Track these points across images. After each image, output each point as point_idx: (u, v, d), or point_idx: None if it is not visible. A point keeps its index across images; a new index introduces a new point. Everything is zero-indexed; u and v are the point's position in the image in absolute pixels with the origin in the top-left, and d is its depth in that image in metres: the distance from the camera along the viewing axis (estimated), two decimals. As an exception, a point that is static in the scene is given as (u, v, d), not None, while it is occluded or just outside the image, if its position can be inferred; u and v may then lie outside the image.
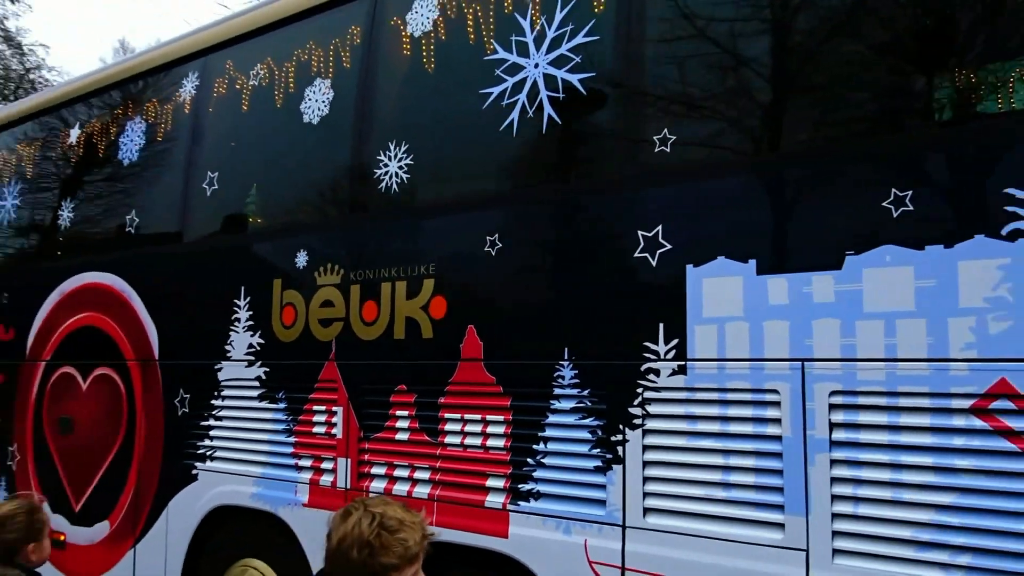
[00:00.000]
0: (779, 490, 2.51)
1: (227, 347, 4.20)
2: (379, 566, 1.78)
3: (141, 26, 47.51)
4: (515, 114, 3.27)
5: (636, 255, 2.85)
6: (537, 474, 3.04)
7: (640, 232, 2.85)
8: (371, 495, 1.97)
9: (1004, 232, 2.22)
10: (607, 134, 3.14)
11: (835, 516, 2.41)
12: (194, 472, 4.28)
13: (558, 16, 3.22)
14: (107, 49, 52.28)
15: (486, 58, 3.42)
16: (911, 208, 2.36)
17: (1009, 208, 2.21)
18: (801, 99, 2.78)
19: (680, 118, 2.91)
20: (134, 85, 5.17)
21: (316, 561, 3.61)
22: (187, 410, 4.36)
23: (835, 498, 2.42)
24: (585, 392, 2.95)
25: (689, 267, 2.74)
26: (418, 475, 3.38)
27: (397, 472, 3.45)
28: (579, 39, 3.15)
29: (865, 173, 2.48)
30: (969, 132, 2.39)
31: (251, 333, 4.10)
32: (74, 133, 5.53)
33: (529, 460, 3.06)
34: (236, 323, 4.17)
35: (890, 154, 2.49)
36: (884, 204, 2.39)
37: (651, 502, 2.76)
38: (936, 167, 2.43)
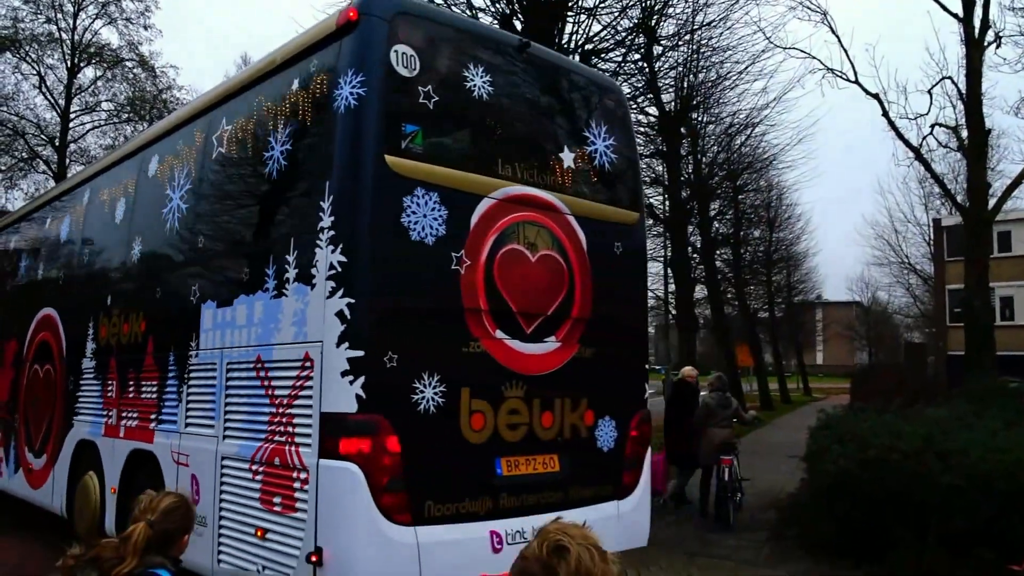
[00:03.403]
0: (213, 410, 5.34)
1: (86, 350, 7.43)
2: None
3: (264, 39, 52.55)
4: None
5: (190, 299, 5.76)
6: (163, 411, 5.99)
7: (192, 287, 5.76)
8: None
9: (268, 287, 4.96)
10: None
11: (225, 421, 5.21)
12: (73, 422, 7.52)
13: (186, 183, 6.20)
14: (231, 65, 57.98)
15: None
16: (250, 278, 5.14)
17: (267, 277, 4.96)
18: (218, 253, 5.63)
19: (203, 238, 5.81)
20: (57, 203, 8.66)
21: (108, 464, 6.69)
22: (72, 387, 7.63)
23: (225, 413, 5.22)
24: (176, 369, 5.87)
25: (201, 305, 5.62)
26: (133, 415, 6.41)
27: (128, 415, 6.50)
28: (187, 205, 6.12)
29: (239, 265, 5.28)
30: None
31: (93, 343, 7.31)
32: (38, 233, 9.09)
33: (161, 405, 6.02)
34: (89, 337, 7.40)
35: (252, 256, 5.28)
36: (240, 276, 5.19)
37: (189, 420, 5.65)
38: (252, 262, 5.20)
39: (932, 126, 16.60)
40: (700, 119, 20.33)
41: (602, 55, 13.37)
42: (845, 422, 8.50)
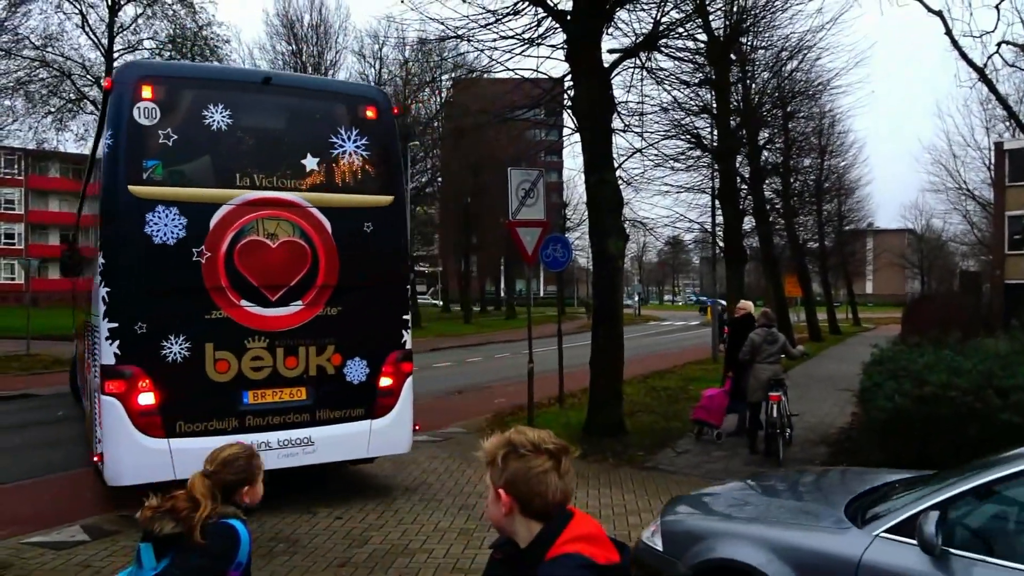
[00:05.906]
0: (94, 358, 7.72)
1: (94, 309, 10.19)
2: None
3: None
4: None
5: (95, 279, 8.13)
6: (90, 356, 8.50)
7: (96, 270, 8.13)
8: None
9: (95, 277, 7.17)
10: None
11: (93, 366, 7.57)
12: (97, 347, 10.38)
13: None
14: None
15: (94, 198, 8.86)
16: (94, 268, 7.38)
17: (96, 270, 7.16)
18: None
19: (93, 237, 8.11)
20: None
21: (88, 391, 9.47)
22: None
23: (92, 360, 7.58)
24: (91, 329, 8.32)
25: (93, 284, 7.97)
26: (91, 359, 9.02)
27: (90, 358, 9.12)
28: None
29: (94, 259, 7.51)
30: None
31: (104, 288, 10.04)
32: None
33: (91, 352, 8.53)
34: (91, 300, 10.14)
35: (96, 254, 7.50)
36: (96, 267, 7.43)
37: (92, 364, 8.10)
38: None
39: (998, 44, 15.74)
40: (750, 44, 19.83)
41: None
42: (900, 358, 8.42)
